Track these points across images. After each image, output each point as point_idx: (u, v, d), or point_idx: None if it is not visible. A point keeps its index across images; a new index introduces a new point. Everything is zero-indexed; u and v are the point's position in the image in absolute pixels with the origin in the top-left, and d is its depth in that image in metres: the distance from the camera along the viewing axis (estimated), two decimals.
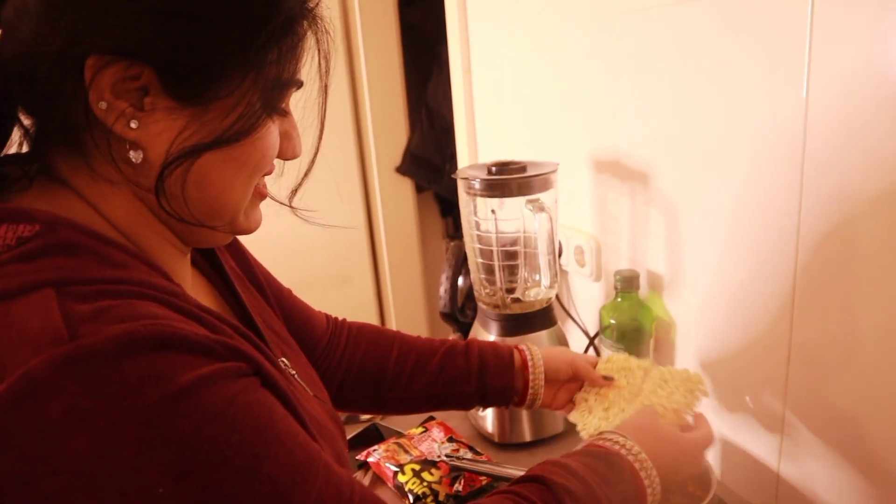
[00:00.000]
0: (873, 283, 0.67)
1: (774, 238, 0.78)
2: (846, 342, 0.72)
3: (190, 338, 0.40)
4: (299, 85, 0.52)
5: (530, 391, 0.84)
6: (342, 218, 2.23)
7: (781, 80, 0.72)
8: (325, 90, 0.53)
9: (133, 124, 0.45)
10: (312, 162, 0.56)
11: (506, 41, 1.30)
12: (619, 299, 1.00)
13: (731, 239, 0.85)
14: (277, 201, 0.57)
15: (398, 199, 2.39)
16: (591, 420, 0.81)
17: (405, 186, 2.39)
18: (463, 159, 1.55)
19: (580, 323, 1.18)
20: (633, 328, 0.99)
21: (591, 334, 1.13)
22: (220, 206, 0.51)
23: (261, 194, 0.55)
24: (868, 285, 0.68)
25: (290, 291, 0.82)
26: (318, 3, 0.50)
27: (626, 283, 0.98)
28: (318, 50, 0.51)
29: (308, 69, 0.52)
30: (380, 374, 0.84)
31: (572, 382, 0.87)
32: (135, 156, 0.46)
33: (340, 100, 2.20)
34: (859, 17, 0.63)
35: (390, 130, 2.32)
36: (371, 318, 2.48)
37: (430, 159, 2.38)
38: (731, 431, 0.91)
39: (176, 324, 0.41)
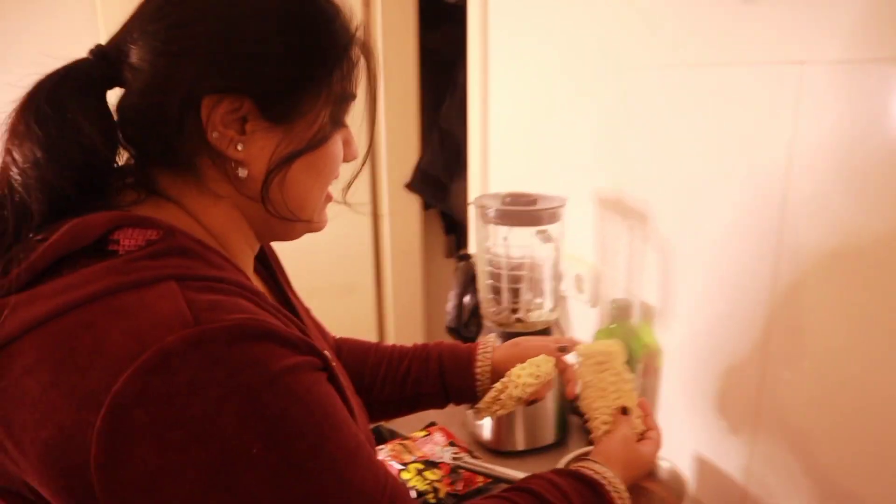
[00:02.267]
0: (834, 328, 0.78)
1: (753, 279, 0.88)
2: (811, 376, 0.82)
3: (282, 333, 0.50)
4: (355, 97, 0.64)
5: (478, 384, 0.89)
6: (350, 229, 2.33)
7: (768, 140, 0.83)
8: (373, 100, 0.66)
9: (239, 147, 0.57)
10: (363, 163, 0.68)
11: (522, 78, 1.41)
12: (614, 325, 1.10)
13: (715, 278, 0.95)
14: (339, 202, 0.70)
15: (405, 214, 2.49)
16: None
17: (413, 203, 2.49)
18: (474, 186, 1.65)
19: None
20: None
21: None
22: (305, 203, 0.64)
23: (328, 198, 0.68)
24: (829, 330, 0.78)
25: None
26: (358, 28, 0.62)
27: (621, 312, 1.08)
28: (368, 67, 0.64)
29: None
30: (358, 382, 0.91)
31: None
32: (242, 172, 0.58)
33: (358, 115, 2.30)
34: (840, 92, 0.74)
35: (402, 148, 2.42)
36: (371, 329, 2.57)
37: (438, 178, 2.48)
38: (706, 450, 1.01)
39: (271, 320, 0.51)
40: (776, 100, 0.81)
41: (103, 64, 0.56)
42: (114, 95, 0.58)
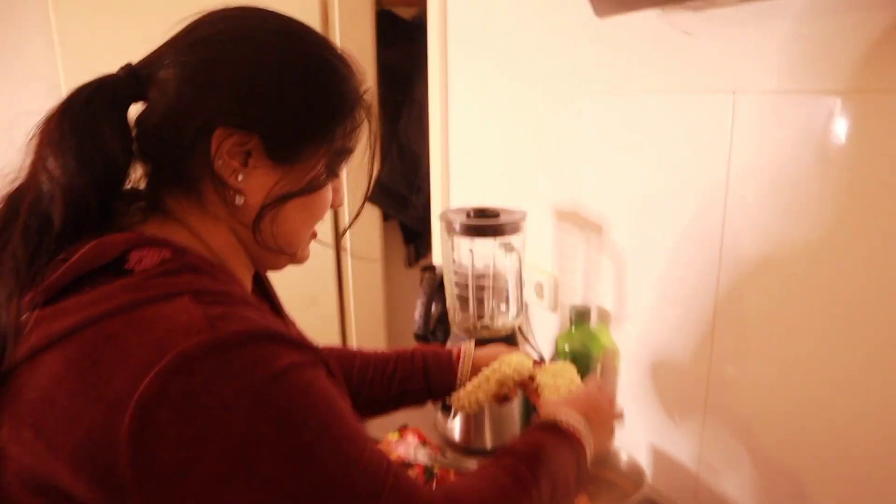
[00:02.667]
0: (768, 327, 0.87)
1: (698, 285, 0.97)
2: (751, 370, 0.91)
3: (285, 335, 0.56)
4: (352, 152, 0.71)
5: (459, 379, 0.99)
6: (314, 243, 2.37)
7: (708, 160, 0.92)
8: (372, 157, 0.73)
9: (240, 177, 0.63)
10: (360, 209, 0.77)
11: (482, 96, 1.49)
12: (573, 329, 1.18)
13: (665, 284, 1.04)
14: (323, 243, 0.77)
15: (365, 225, 2.54)
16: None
17: (372, 214, 2.55)
18: (437, 200, 1.72)
19: (537, 348, 1.36)
20: (584, 355, 1.17)
21: (546, 358, 1.31)
22: (293, 239, 0.70)
23: (313, 235, 0.74)
24: (765, 329, 0.88)
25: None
26: (367, 91, 0.70)
27: (580, 316, 1.16)
28: (370, 128, 0.71)
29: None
30: (347, 384, 0.99)
31: None
32: (238, 199, 0.64)
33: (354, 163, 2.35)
34: (767, 119, 0.84)
35: (362, 161, 2.48)
36: (334, 337, 2.61)
37: (397, 190, 2.54)
38: (660, 441, 1.10)
39: (274, 324, 0.57)
40: (714, 124, 0.91)
41: (132, 81, 0.63)
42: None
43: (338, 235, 2.55)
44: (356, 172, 0.74)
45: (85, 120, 0.59)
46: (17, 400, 0.53)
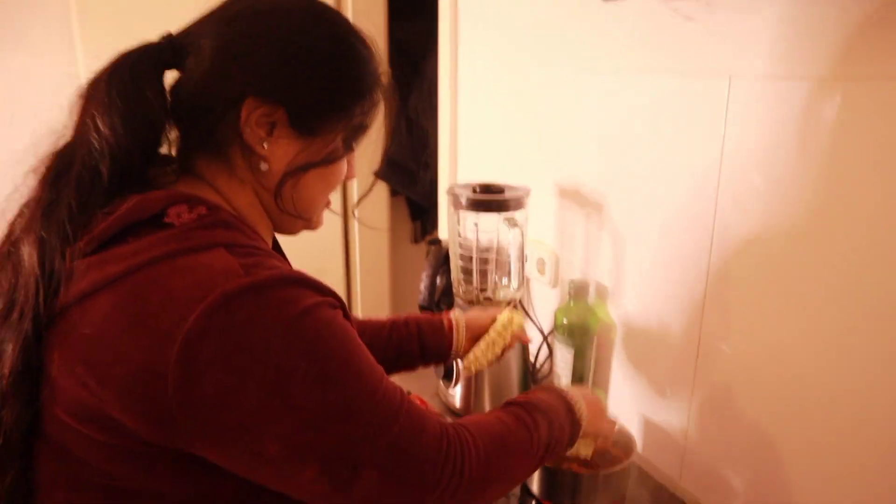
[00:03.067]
0: (754, 304, 0.91)
1: (691, 262, 1.01)
2: (737, 345, 0.95)
3: (308, 279, 0.62)
4: (368, 129, 0.77)
5: (454, 343, 1.06)
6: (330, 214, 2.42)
7: (703, 140, 0.96)
8: (389, 134, 0.79)
9: (265, 145, 0.68)
10: (374, 183, 0.81)
11: (490, 74, 1.52)
12: (572, 303, 1.22)
13: (660, 260, 1.08)
14: (334, 212, 0.83)
15: (373, 200, 2.58)
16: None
17: (380, 190, 2.58)
18: (444, 175, 1.76)
19: (537, 322, 1.41)
20: (582, 328, 1.21)
21: (546, 332, 1.36)
22: (310, 206, 0.76)
23: (327, 204, 0.80)
24: (751, 305, 0.92)
25: None
26: (385, 73, 0.75)
27: (578, 290, 1.20)
28: (386, 107, 0.76)
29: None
30: None
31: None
32: (263, 166, 0.70)
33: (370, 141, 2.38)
34: (760, 103, 0.87)
35: (371, 137, 2.51)
36: None
37: (405, 166, 2.57)
38: (651, 412, 1.15)
39: (298, 270, 0.63)
40: (710, 107, 0.94)
41: (170, 50, 0.68)
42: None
43: (346, 210, 2.59)
44: (370, 148, 0.79)
45: (131, 84, 0.65)
46: (69, 338, 0.59)
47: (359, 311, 2.67)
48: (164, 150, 0.72)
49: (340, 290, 2.63)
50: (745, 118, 0.90)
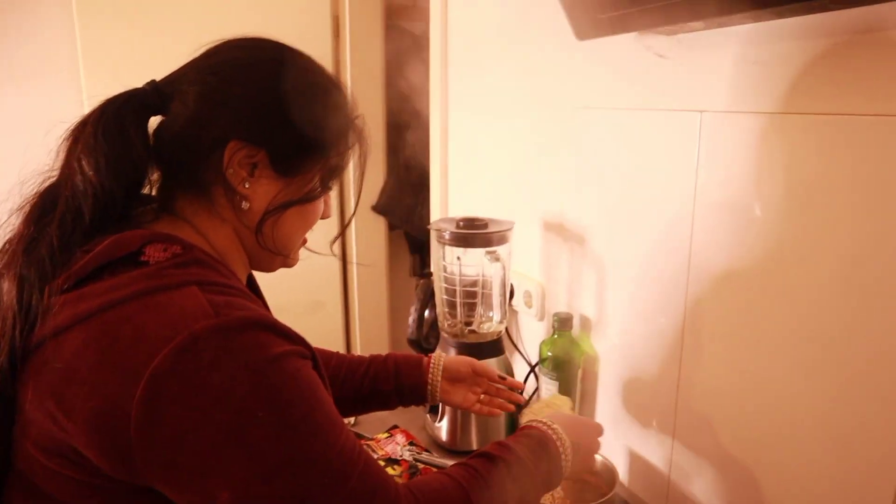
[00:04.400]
0: (728, 335, 0.92)
1: (670, 294, 1.02)
2: (710, 374, 0.96)
3: (280, 326, 0.63)
4: (344, 170, 0.80)
5: (429, 385, 1.05)
6: (321, 249, 2.44)
7: (679, 173, 0.97)
8: (361, 175, 0.82)
9: (246, 185, 0.71)
10: (350, 220, 0.85)
11: (479, 111, 1.55)
12: (556, 336, 1.23)
13: (641, 292, 1.09)
14: (316, 252, 0.85)
15: (372, 235, 2.60)
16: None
17: (379, 224, 2.61)
18: (435, 210, 1.78)
19: (525, 355, 1.42)
20: (566, 361, 1.22)
21: (534, 364, 1.36)
22: (289, 242, 0.79)
23: (304, 241, 0.82)
24: (725, 337, 0.92)
25: None
26: (358, 116, 0.79)
27: (562, 323, 1.21)
28: (360, 148, 0.80)
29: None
30: None
31: (478, 385, 1.09)
32: (245, 204, 0.72)
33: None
34: (728, 136, 0.89)
35: (369, 172, 2.54)
36: (339, 343, 2.67)
37: (403, 201, 2.61)
38: (636, 444, 1.14)
39: (270, 315, 0.64)
40: (683, 142, 0.96)
41: (155, 95, 0.71)
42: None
43: (344, 244, 2.62)
44: (365, 187, 0.83)
45: (116, 127, 0.67)
46: (41, 372, 0.60)
47: (357, 345, 2.67)
48: (145, 190, 0.75)
49: (338, 324, 2.65)
50: (716, 152, 0.91)
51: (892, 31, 0.69)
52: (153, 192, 0.76)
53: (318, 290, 2.54)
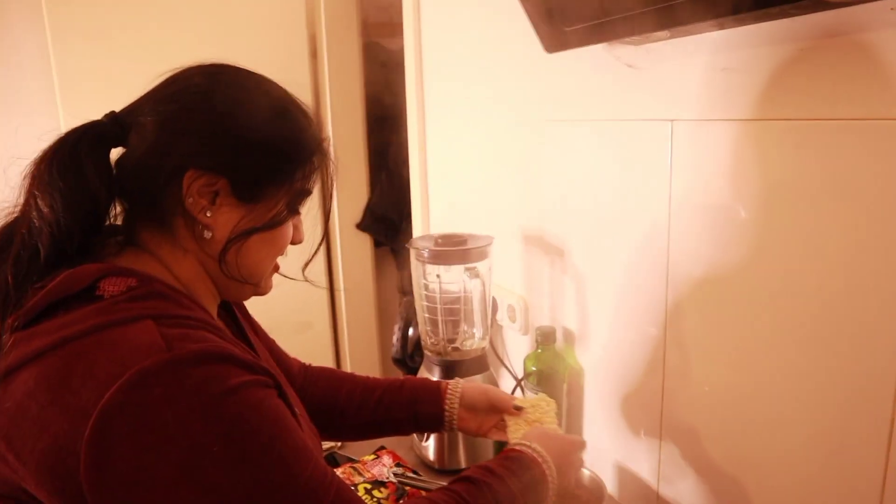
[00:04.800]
0: (706, 344, 0.91)
1: (650, 306, 1.01)
2: (693, 384, 0.95)
3: (238, 356, 0.61)
4: (310, 193, 0.78)
5: (446, 413, 1.02)
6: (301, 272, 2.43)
7: (653, 183, 0.97)
8: (329, 197, 0.80)
9: (208, 213, 0.69)
10: (319, 246, 0.81)
11: (456, 127, 1.55)
12: (540, 350, 1.22)
13: (620, 303, 1.08)
14: (287, 277, 0.83)
15: (357, 253, 2.59)
16: (514, 435, 1.00)
17: (364, 242, 2.60)
18: (417, 226, 1.78)
19: (511, 369, 1.40)
20: (550, 375, 1.21)
21: (520, 379, 1.35)
22: (256, 270, 0.76)
23: (276, 268, 0.80)
24: (703, 345, 0.92)
25: (273, 341, 1.03)
26: (325, 140, 0.77)
27: (545, 338, 1.20)
28: (326, 172, 0.78)
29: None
30: (333, 405, 1.03)
31: (494, 413, 1.05)
32: (207, 234, 0.70)
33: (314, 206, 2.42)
34: (697, 144, 0.88)
35: (353, 190, 2.54)
36: (328, 362, 2.65)
37: (388, 217, 2.59)
38: (623, 457, 1.13)
39: (229, 346, 0.62)
40: (656, 152, 0.95)
41: (115, 127, 0.69)
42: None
43: (331, 261, 2.60)
44: (349, 205, 0.80)
45: (71, 162, 0.66)
46: None
47: (347, 363, 2.65)
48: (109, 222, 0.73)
49: (327, 343, 2.63)
50: (688, 161, 0.91)
51: (853, 35, 0.69)
52: (118, 224, 0.74)
53: (306, 310, 2.52)
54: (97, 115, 0.71)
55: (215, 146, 0.69)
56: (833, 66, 0.71)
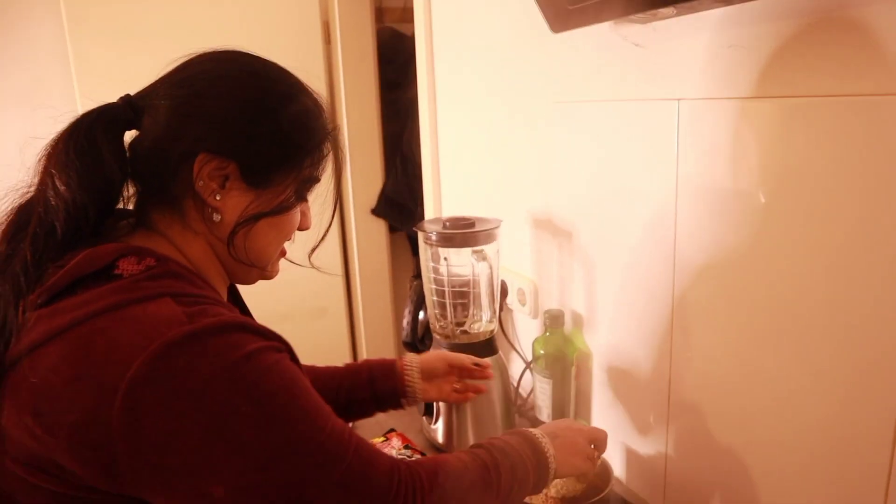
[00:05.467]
0: (713, 326, 0.90)
1: (657, 288, 1.00)
2: (698, 367, 0.94)
3: (252, 325, 0.64)
4: (319, 180, 0.80)
5: (408, 389, 1.06)
6: (321, 255, 2.44)
7: (660, 164, 0.96)
8: (338, 184, 0.82)
9: (217, 197, 0.71)
10: (327, 231, 0.83)
11: (466, 109, 1.54)
12: (548, 333, 1.21)
13: (628, 286, 1.07)
14: (294, 262, 0.86)
15: (372, 238, 2.60)
16: None
17: (379, 227, 2.60)
18: (429, 210, 1.77)
19: (521, 353, 1.40)
20: (559, 358, 1.21)
21: (529, 362, 1.34)
22: (263, 254, 0.78)
23: (282, 253, 0.82)
24: (710, 328, 0.91)
25: None
26: (335, 127, 0.79)
27: (553, 321, 1.20)
28: (335, 159, 0.80)
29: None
30: None
31: (451, 375, 1.11)
32: (216, 217, 0.72)
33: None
34: (703, 123, 0.87)
35: (367, 175, 2.54)
36: (344, 348, 2.67)
37: (403, 203, 2.60)
38: (632, 440, 1.13)
39: (244, 317, 0.64)
40: (662, 132, 0.94)
41: (129, 110, 0.71)
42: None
43: (346, 247, 2.61)
44: (364, 190, 0.82)
45: (87, 143, 0.68)
46: (19, 389, 0.61)
47: (363, 349, 2.67)
48: (122, 204, 0.75)
49: (343, 329, 2.65)
50: (695, 140, 0.90)
51: (859, 8, 0.67)
52: (130, 207, 0.76)
53: (322, 295, 2.54)
54: (114, 97, 0.73)
55: (226, 131, 0.70)
56: (842, 40, 0.70)
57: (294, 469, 0.61)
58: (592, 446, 0.92)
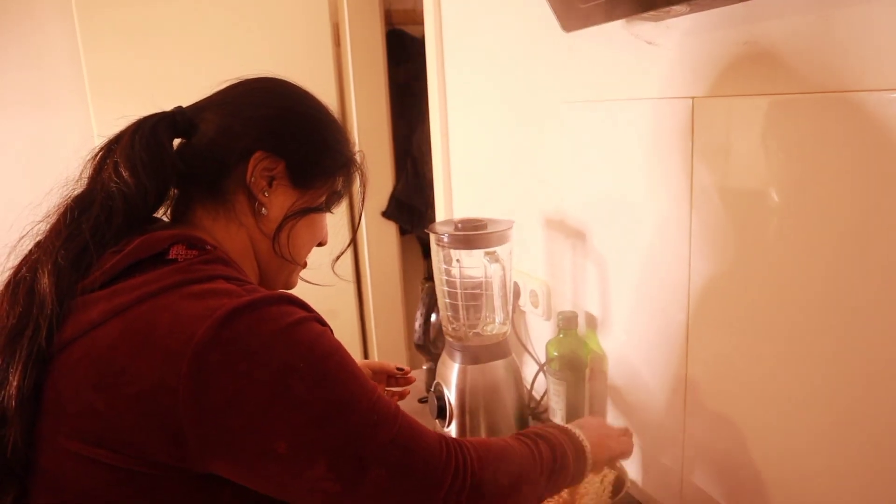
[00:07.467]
0: (723, 331, 0.89)
1: (672, 290, 0.99)
2: (713, 371, 0.93)
3: (298, 299, 0.69)
4: (344, 197, 0.90)
5: None
6: (332, 256, 2.44)
7: (675, 164, 0.94)
8: (362, 202, 0.93)
9: (266, 193, 0.80)
10: (350, 244, 0.93)
11: (477, 110, 1.53)
12: (562, 335, 1.20)
13: (642, 287, 1.06)
14: (307, 281, 0.94)
15: (383, 240, 2.60)
16: None
17: (390, 229, 2.60)
18: (440, 212, 1.77)
19: (534, 355, 1.39)
20: (573, 360, 1.19)
21: (541, 364, 1.33)
22: (300, 252, 0.86)
23: (304, 264, 0.90)
24: (721, 333, 0.89)
25: None
26: (357, 152, 0.90)
27: (567, 322, 1.19)
28: (361, 181, 0.92)
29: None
30: None
31: (380, 382, 1.18)
32: (263, 211, 0.80)
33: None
34: (717, 120, 0.86)
35: (377, 177, 2.54)
36: (355, 350, 2.66)
37: (413, 205, 2.59)
38: (648, 443, 1.11)
39: (287, 292, 0.69)
40: (677, 131, 0.93)
41: (183, 117, 0.80)
42: None
43: (357, 251, 2.61)
44: (374, 193, 0.92)
45: (153, 138, 0.76)
46: (78, 366, 0.64)
47: (374, 352, 2.66)
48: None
49: (354, 331, 2.65)
50: (709, 139, 0.88)
51: (880, 3, 0.66)
52: (168, 211, 0.82)
53: (332, 298, 2.53)
54: (127, 110, 0.79)
55: (279, 132, 0.80)
56: (860, 35, 0.68)
57: (350, 426, 0.65)
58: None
